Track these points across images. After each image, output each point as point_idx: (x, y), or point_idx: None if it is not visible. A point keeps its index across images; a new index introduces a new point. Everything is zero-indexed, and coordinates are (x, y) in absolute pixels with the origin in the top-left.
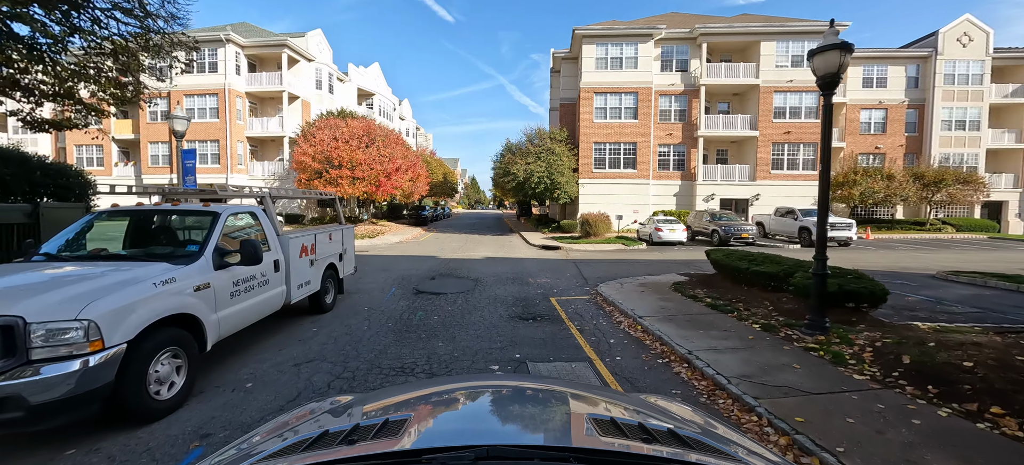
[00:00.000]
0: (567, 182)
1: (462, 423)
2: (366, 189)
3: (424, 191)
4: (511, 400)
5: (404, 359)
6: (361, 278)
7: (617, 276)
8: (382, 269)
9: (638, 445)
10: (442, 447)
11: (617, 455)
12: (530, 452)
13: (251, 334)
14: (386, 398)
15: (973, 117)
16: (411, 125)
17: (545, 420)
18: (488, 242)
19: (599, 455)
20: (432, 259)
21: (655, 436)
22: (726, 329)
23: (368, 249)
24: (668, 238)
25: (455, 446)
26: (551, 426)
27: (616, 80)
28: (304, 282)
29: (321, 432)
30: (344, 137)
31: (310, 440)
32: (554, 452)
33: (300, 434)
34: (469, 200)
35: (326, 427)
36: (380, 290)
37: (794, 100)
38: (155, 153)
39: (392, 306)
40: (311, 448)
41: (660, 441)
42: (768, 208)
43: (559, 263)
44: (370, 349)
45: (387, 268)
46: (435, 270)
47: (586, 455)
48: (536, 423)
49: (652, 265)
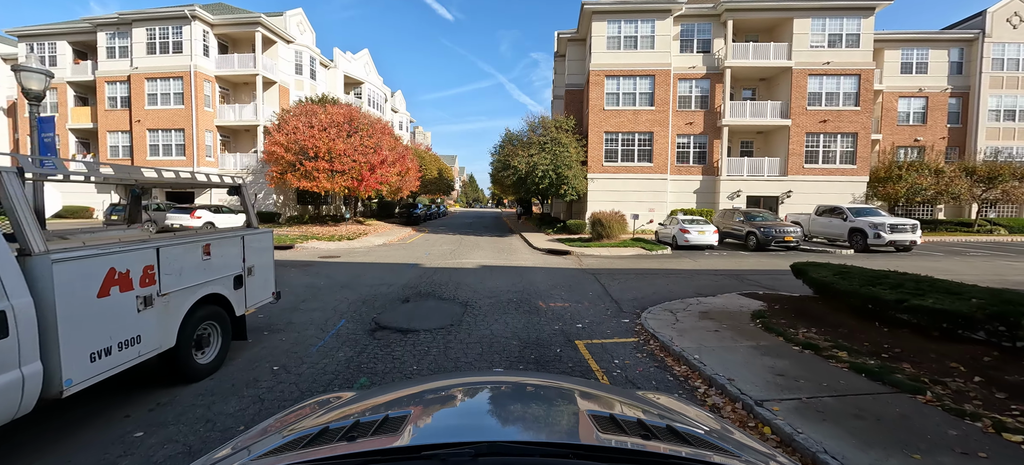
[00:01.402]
0: (575, 176)
1: (462, 419)
2: (347, 183)
3: (415, 186)
4: (511, 396)
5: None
6: (305, 301)
7: (658, 296)
8: (344, 285)
9: (637, 441)
10: (442, 443)
11: (616, 451)
12: (530, 448)
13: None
14: (387, 394)
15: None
16: (405, 118)
17: (545, 416)
18: (485, 245)
19: (599, 451)
20: (413, 268)
21: (653, 432)
22: (941, 440)
23: (341, 254)
24: (696, 241)
25: (455, 442)
26: (551, 422)
27: (630, 62)
28: (112, 344)
29: (322, 428)
30: (322, 124)
31: (311, 436)
32: (554, 448)
33: (301, 430)
34: (467, 198)
35: (327, 423)
36: (323, 324)
37: (831, 85)
38: (115, 143)
39: (323, 361)
40: (312, 444)
41: (658, 437)
42: (800, 206)
43: (573, 274)
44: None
45: (351, 283)
46: (413, 286)
47: (586, 451)
48: (536, 419)
49: (695, 278)
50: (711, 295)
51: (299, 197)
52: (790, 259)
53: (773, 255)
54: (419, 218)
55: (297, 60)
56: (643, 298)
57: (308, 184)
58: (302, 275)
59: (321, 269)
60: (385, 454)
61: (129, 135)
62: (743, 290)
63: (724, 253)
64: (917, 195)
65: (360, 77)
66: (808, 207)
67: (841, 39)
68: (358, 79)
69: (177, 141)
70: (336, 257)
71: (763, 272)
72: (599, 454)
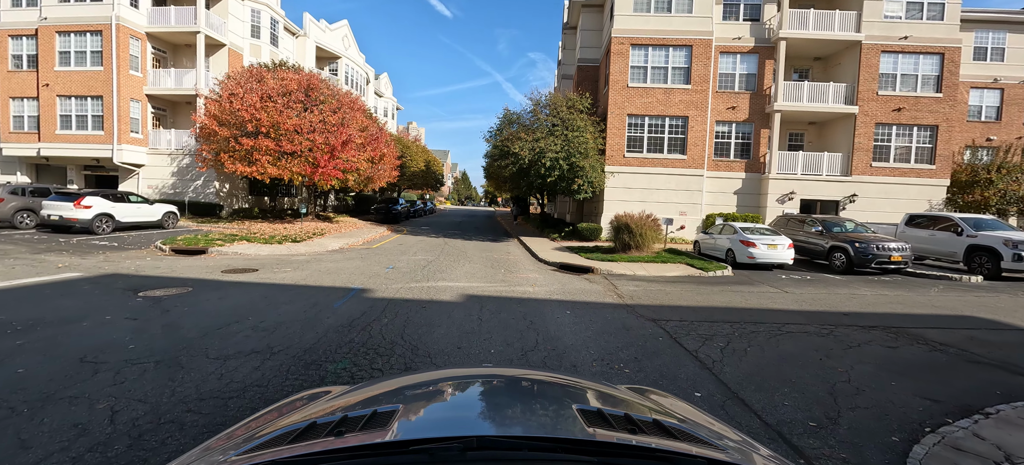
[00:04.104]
0: (593, 168)
1: (451, 414)
2: (299, 169)
3: (392, 177)
4: (502, 391)
5: None
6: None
7: (803, 378)
8: (181, 347)
9: (624, 435)
10: (431, 438)
11: (604, 445)
12: (519, 442)
13: None
14: (375, 389)
15: None
16: (391, 104)
17: (535, 411)
18: (474, 254)
19: (587, 446)
20: (354, 299)
21: (641, 426)
22: None
23: (263, 267)
24: (765, 258)
25: (444, 437)
26: (540, 417)
27: (662, 29)
28: None
29: (309, 423)
30: (269, 93)
31: (298, 431)
32: (543, 443)
33: (288, 425)
34: (459, 195)
35: (314, 418)
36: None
37: (907, 64)
38: (18, 113)
39: None
40: (298, 439)
41: (646, 431)
42: (866, 213)
43: (619, 319)
44: None
45: (203, 339)
46: (327, 349)
47: (574, 446)
48: (526, 413)
49: (837, 336)
50: (913, 375)
51: (252, 186)
52: (910, 288)
53: (880, 282)
54: (399, 215)
55: (254, 20)
56: (818, 401)
57: (246, 169)
58: (149, 309)
59: (201, 296)
60: (373, 449)
61: (36, 103)
62: (966, 358)
63: (808, 276)
64: (1014, 204)
65: (336, 51)
66: (875, 215)
67: (921, 8)
68: (334, 53)
69: (94, 111)
70: (252, 271)
71: (925, 320)
72: (588, 448)
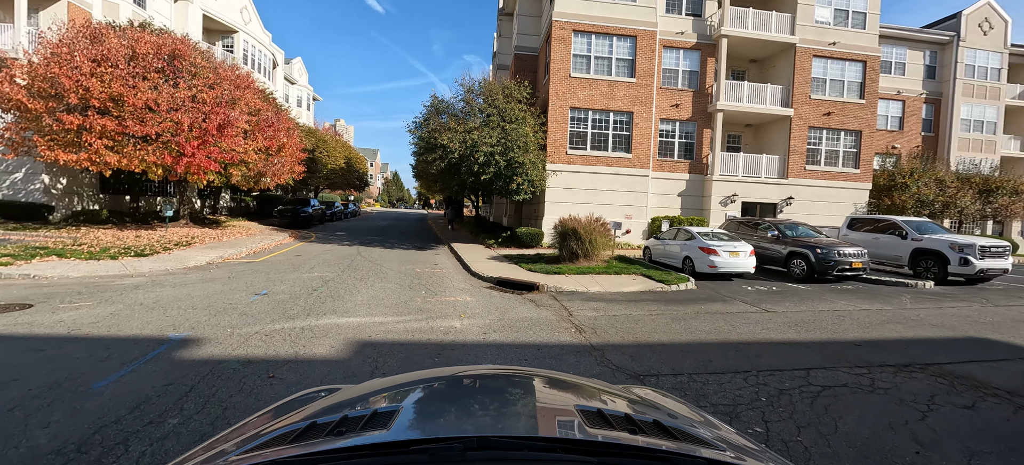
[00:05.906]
0: (533, 165)
1: (452, 413)
2: (157, 159)
3: (295, 172)
4: (502, 390)
5: None
6: None
7: None
8: None
9: (625, 436)
10: (431, 438)
11: (604, 446)
12: (519, 442)
13: None
14: (376, 388)
15: (990, 118)
16: (305, 93)
17: (535, 410)
18: (391, 268)
19: (587, 446)
20: (153, 366)
21: (641, 427)
22: None
23: (57, 294)
24: (727, 267)
25: (444, 437)
26: (541, 416)
27: (606, 16)
28: None
29: (309, 423)
30: (106, 55)
31: (298, 431)
32: (543, 443)
33: (288, 425)
34: (390, 197)
35: (314, 418)
36: None
37: (836, 70)
38: None
39: None
40: (299, 439)
41: (646, 432)
42: (801, 215)
43: (581, 362)
44: None
45: None
46: None
47: (574, 446)
48: (526, 413)
49: (890, 388)
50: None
51: (104, 183)
52: (882, 298)
53: (847, 291)
54: (310, 219)
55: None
56: None
57: (71, 157)
58: None
59: None
60: (373, 449)
61: None
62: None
63: (773, 286)
64: (925, 207)
65: (232, 23)
66: (809, 217)
67: (847, 16)
68: (229, 25)
69: None
70: (21, 309)
71: (944, 348)
72: (588, 448)
